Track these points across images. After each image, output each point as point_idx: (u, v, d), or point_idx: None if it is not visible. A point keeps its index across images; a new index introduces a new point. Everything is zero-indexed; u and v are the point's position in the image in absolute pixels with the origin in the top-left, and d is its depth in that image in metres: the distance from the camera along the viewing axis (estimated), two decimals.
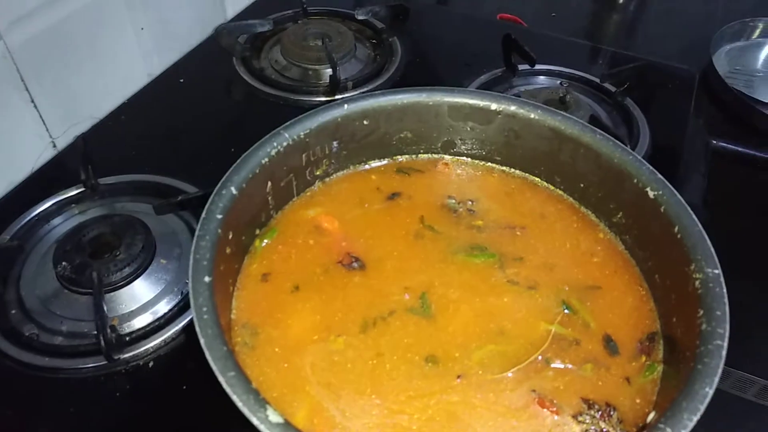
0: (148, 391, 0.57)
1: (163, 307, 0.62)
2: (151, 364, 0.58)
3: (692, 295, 0.45)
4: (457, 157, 0.65)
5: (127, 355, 0.58)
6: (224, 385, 0.37)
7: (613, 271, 0.55)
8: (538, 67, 0.93)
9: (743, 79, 1.03)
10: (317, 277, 0.53)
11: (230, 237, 0.49)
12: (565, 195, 0.62)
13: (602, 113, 0.89)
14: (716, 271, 0.45)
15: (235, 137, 0.80)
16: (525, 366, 0.48)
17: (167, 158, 0.80)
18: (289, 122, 0.56)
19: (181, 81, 0.94)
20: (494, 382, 0.47)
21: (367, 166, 0.64)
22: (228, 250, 0.49)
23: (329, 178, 0.62)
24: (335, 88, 0.90)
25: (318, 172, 0.61)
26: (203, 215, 0.47)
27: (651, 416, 0.45)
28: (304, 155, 0.58)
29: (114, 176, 0.74)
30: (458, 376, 0.47)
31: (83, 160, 0.72)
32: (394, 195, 0.61)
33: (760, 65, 1.07)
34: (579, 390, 0.47)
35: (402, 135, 0.63)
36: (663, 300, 0.52)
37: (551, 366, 0.48)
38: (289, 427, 0.36)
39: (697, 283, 0.45)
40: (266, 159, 0.53)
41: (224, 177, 0.50)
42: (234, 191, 0.49)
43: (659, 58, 1.02)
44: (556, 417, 0.45)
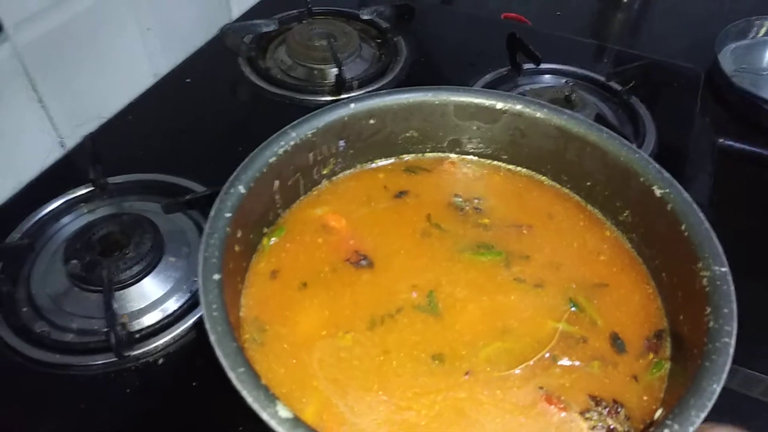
0: (157, 387, 0.58)
1: (172, 305, 0.62)
2: (160, 361, 0.58)
3: (699, 293, 0.45)
4: (464, 155, 0.66)
5: (136, 352, 0.58)
6: (234, 380, 0.37)
7: (620, 269, 0.55)
8: (543, 66, 0.94)
9: (749, 77, 1.03)
10: (325, 274, 0.54)
11: (239, 235, 0.49)
12: (572, 193, 0.62)
13: (608, 112, 0.89)
14: (723, 269, 0.45)
15: (241, 136, 0.81)
16: (532, 363, 0.48)
17: (175, 158, 0.80)
18: (296, 121, 0.56)
19: (188, 81, 0.94)
20: (501, 379, 0.47)
21: (373, 165, 0.64)
22: (236, 248, 0.49)
23: (336, 177, 0.62)
24: (341, 88, 0.90)
25: (325, 171, 0.61)
26: (212, 213, 0.47)
27: (658, 413, 0.45)
28: (311, 154, 0.58)
29: (122, 175, 0.75)
30: (466, 373, 0.47)
31: (92, 160, 0.73)
32: (401, 193, 0.61)
33: (765, 63, 1.07)
34: (586, 387, 0.47)
35: (408, 134, 0.63)
36: (670, 298, 0.52)
37: (558, 363, 0.48)
38: (298, 422, 0.36)
39: (705, 280, 0.45)
40: (274, 158, 0.53)
41: (232, 176, 0.50)
42: (242, 190, 0.49)
43: (664, 56, 1.02)
44: (564, 414, 0.45)
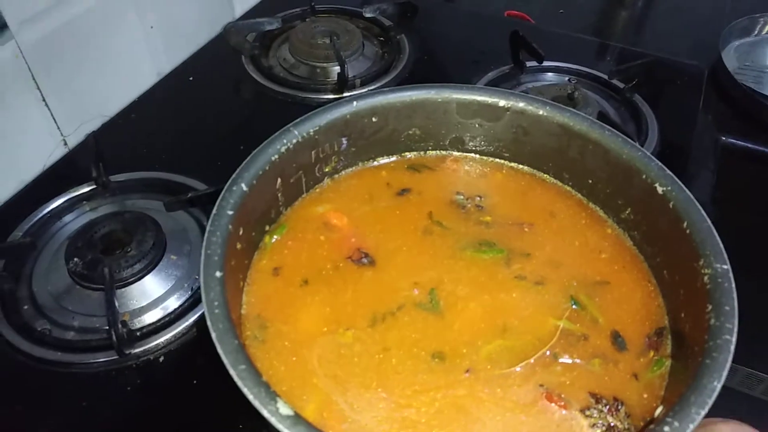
0: (158, 385, 0.58)
1: (173, 303, 0.62)
2: (161, 358, 0.59)
3: (701, 291, 0.45)
4: (466, 153, 0.65)
5: (138, 349, 0.58)
6: (235, 378, 0.37)
7: (622, 267, 0.55)
8: (546, 63, 0.93)
9: (752, 75, 1.02)
10: (327, 272, 0.54)
11: (241, 233, 0.49)
12: (574, 191, 0.62)
13: (611, 110, 0.89)
14: (725, 267, 0.45)
15: (243, 135, 0.81)
16: (533, 361, 0.48)
17: (177, 156, 0.80)
18: (298, 119, 0.56)
19: (191, 79, 0.95)
20: (502, 377, 0.47)
21: (375, 163, 0.64)
22: (238, 246, 0.49)
23: (338, 175, 0.62)
24: (343, 86, 0.90)
25: (327, 169, 0.61)
26: (214, 211, 0.47)
27: (659, 411, 0.45)
28: (313, 152, 0.58)
29: (125, 174, 0.75)
30: (466, 371, 0.47)
31: (94, 158, 0.73)
32: (404, 191, 0.61)
33: None
34: (587, 385, 0.47)
35: (410, 132, 0.63)
36: (671, 295, 0.52)
37: (559, 361, 0.48)
38: (299, 419, 0.36)
39: (706, 278, 0.45)
40: (276, 156, 0.53)
41: (234, 174, 0.50)
42: (244, 188, 0.50)
43: (668, 54, 1.02)
44: (564, 411, 0.45)
